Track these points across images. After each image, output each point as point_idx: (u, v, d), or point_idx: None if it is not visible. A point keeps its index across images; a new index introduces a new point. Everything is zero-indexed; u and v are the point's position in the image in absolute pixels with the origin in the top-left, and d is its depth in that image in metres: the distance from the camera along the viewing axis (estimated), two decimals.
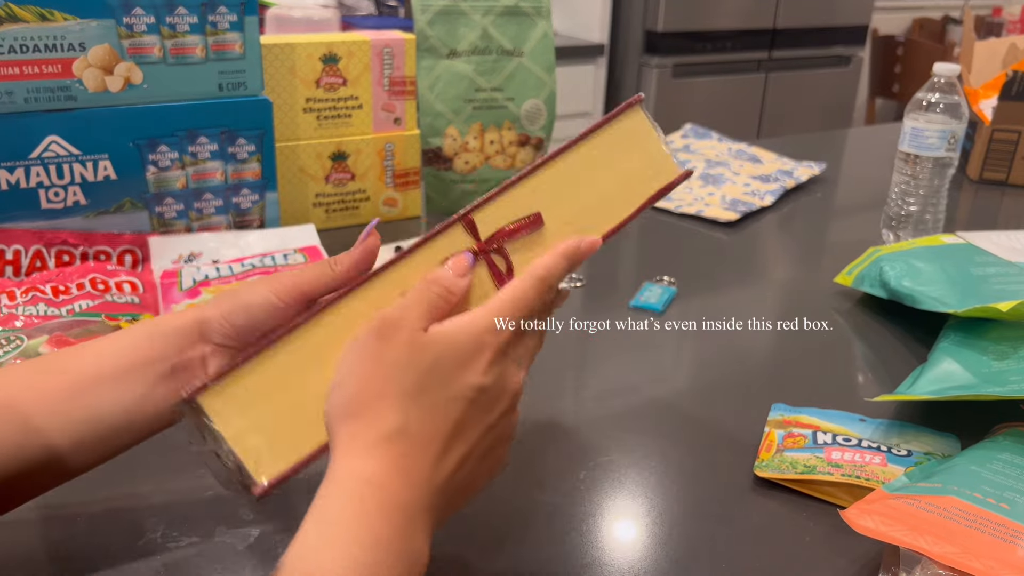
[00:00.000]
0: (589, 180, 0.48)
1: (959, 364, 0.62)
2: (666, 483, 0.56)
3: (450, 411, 0.39)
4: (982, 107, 1.29)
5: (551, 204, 0.47)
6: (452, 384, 0.39)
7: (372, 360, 0.39)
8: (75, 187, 0.78)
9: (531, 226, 0.46)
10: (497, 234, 0.45)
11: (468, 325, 0.40)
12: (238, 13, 0.81)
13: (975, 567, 0.42)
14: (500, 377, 0.41)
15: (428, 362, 0.39)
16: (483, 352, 0.40)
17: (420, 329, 0.40)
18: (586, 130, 0.48)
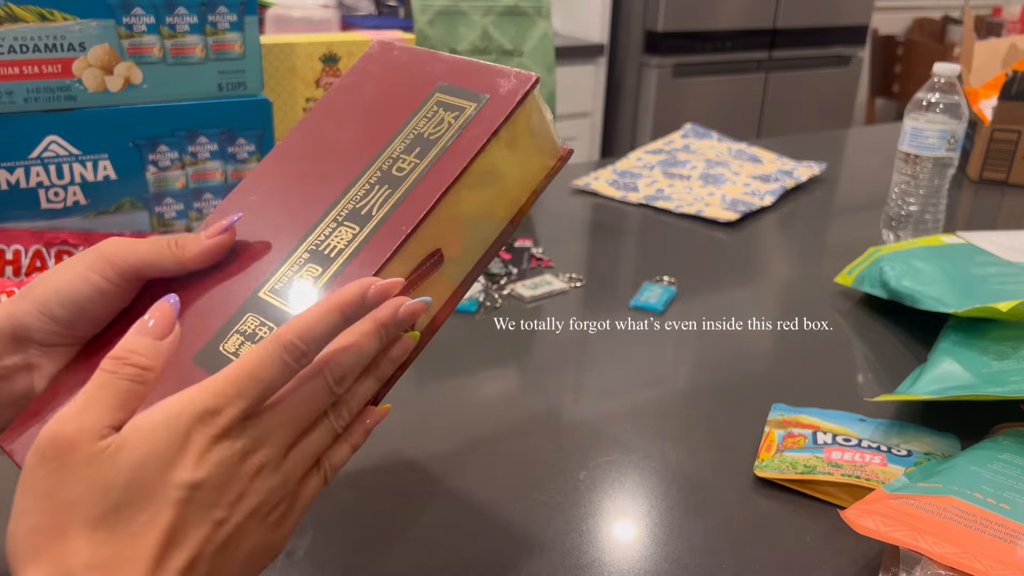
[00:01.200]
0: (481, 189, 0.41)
1: (959, 364, 0.62)
2: (666, 483, 0.56)
3: (157, 522, 0.31)
4: (982, 107, 1.29)
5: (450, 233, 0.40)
6: (155, 491, 0.31)
7: (45, 494, 0.31)
8: (75, 187, 0.78)
9: (433, 268, 0.40)
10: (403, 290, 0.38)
11: (167, 416, 0.32)
12: (238, 13, 0.81)
13: (975, 567, 0.42)
14: (223, 464, 0.33)
15: (120, 477, 0.31)
16: (192, 442, 0.32)
17: (103, 437, 0.31)
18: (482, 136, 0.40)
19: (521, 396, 0.67)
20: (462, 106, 0.42)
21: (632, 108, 2.75)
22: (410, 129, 0.42)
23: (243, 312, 0.38)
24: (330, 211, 0.40)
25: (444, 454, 0.58)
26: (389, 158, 0.41)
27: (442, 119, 0.42)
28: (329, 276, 0.38)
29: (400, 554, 0.49)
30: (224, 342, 0.37)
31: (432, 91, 0.43)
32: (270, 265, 0.39)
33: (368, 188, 0.40)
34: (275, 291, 0.38)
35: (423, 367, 0.70)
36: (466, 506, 0.53)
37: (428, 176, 0.39)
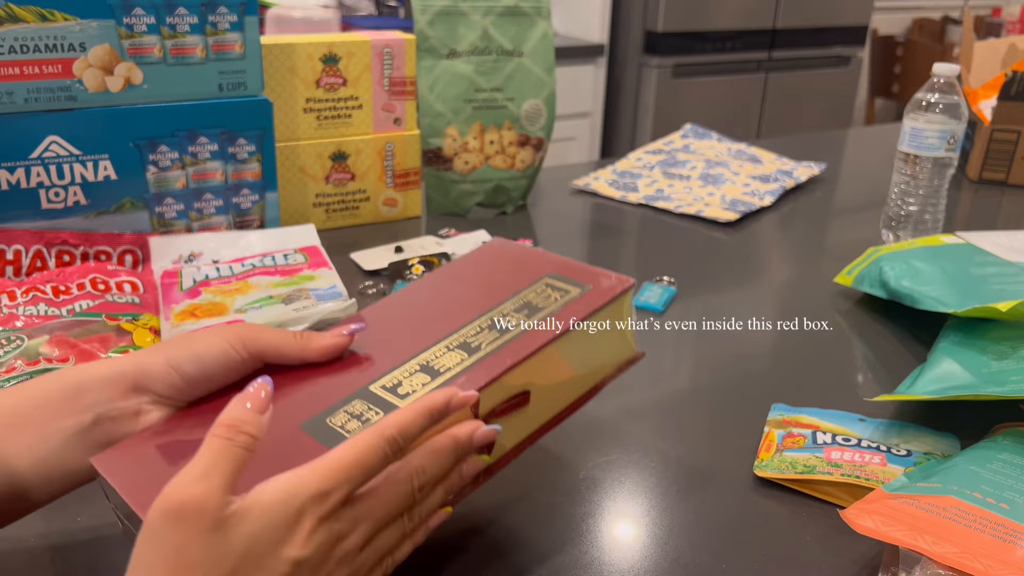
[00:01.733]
0: (570, 358, 0.48)
1: (958, 364, 0.62)
2: (666, 483, 0.56)
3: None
4: (981, 107, 1.29)
5: (536, 381, 0.46)
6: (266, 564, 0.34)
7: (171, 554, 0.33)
8: (75, 187, 0.78)
9: (519, 405, 0.46)
10: (490, 414, 0.45)
11: (285, 493, 0.35)
12: (238, 13, 0.81)
13: (975, 567, 0.42)
14: (323, 545, 0.36)
15: (238, 547, 0.33)
16: (303, 521, 0.35)
17: (225, 505, 0.34)
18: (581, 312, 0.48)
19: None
20: (568, 289, 0.51)
21: (632, 108, 2.76)
22: (520, 297, 0.51)
23: (353, 398, 0.44)
24: (443, 340, 0.48)
25: None
26: (500, 313, 0.50)
27: (549, 295, 0.50)
28: (435, 386, 0.44)
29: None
30: (332, 417, 0.43)
31: (542, 276, 0.53)
32: (383, 368, 0.46)
33: (479, 330, 0.48)
34: (386, 388, 0.45)
35: None
36: (466, 506, 0.53)
37: (531, 332, 0.47)
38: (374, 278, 0.86)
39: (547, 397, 0.48)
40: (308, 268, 0.78)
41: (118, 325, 0.68)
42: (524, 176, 1.09)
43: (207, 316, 0.68)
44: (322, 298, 0.71)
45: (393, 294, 0.54)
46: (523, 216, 1.08)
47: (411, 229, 1.02)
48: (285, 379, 0.46)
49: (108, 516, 0.51)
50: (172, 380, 0.43)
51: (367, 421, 0.42)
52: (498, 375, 0.44)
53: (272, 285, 0.74)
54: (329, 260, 0.80)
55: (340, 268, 0.84)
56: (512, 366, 0.44)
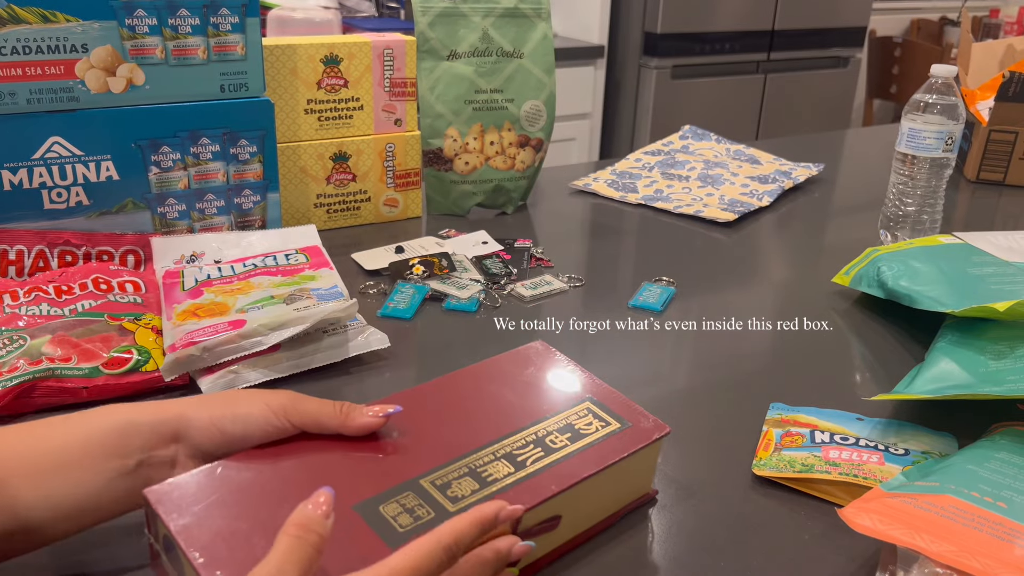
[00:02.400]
0: (600, 490, 0.50)
1: (956, 364, 0.62)
2: (664, 481, 0.56)
3: None
4: (979, 108, 1.29)
5: (568, 508, 0.48)
6: None
7: None
8: (77, 188, 0.79)
9: (550, 527, 0.48)
10: (525, 531, 0.46)
11: None
12: (240, 15, 0.82)
13: (972, 565, 0.42)
14: None
15: None
16: None
17: None
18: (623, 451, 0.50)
19: None
20: (609, 421, 0.52)
21: (631, 109, 2.76)
22: (563, 417, 0.52)
23: (404, 488, 0.45)
24: (489, 446, 0.49)
25: None
26: (545, 430, 0.51)
27: (591, 422, 0.52)
28: (484, 495, 0.45)
29: None
30: (384, 505, 0.44)
31: (584, 398, 0.54)
32: (431, 462, 0.47)
33: (525, 443, 0.49)
34: (435, 484, 0.46)
35: (425, 366, 0.71)
36: None
37: (576, 459, 0.49)
38: (375, 278, 0.87)
39: (573, 521, 0.49)
40: (309, 268, 0.78)
41: (120, 325, 0.68)
42: (524, 177, 1.09)
43: (209, 316, 0.69)
44: (323, 298, 0.71)
45: (433, 381, 0.55)
46: (523, 216, 1.08)
47: (412, 229, 1.02)
48: (333, 451, 0.47)
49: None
50: (213, 436, 0.45)
51: (419, 519, 0.43)
52: (544, 499, 0.46)
53: (273, 285, 0.74)
54: (330, 260, 0.80)
55: (341, 268, 0.84)
56: (557, 493, 0.46)
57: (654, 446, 0.52)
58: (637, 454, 0.50)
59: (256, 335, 0.65)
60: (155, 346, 0.67)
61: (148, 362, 0.65)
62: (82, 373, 0.62)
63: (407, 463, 0.47)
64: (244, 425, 0.45)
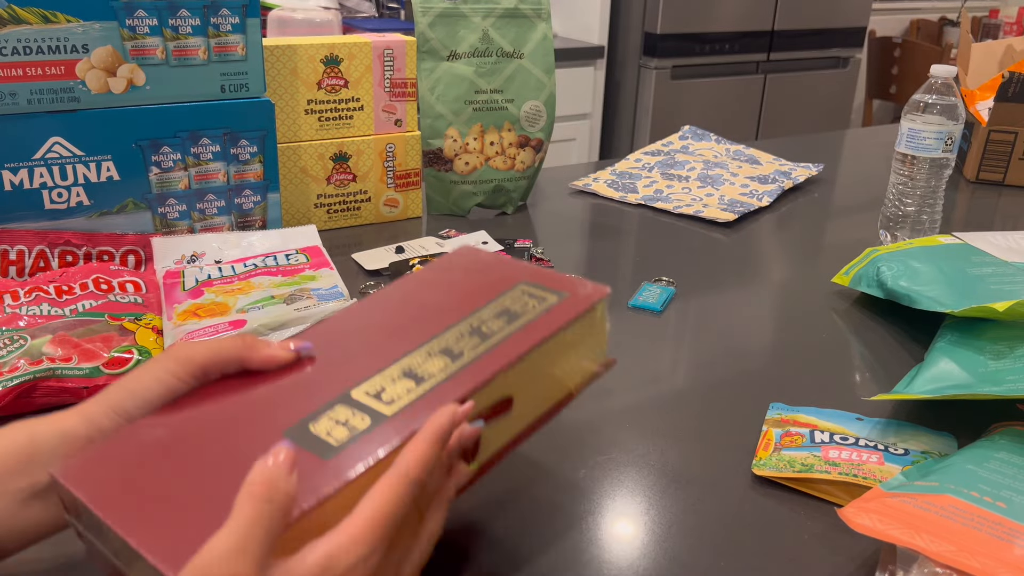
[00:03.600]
0: (549, 364, 0.48)
1: (956, 364, 0.62)
2: (665, 482, 0.57)
3: None
4: (979, 108, 1.29)
5: (518, 387, 0.46)
6: None
7: None
8: (78, 188, 0.79)
9: (502, 411, 0.46)
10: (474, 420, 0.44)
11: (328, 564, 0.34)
12: (240, 15, 0.82)
13: (972, 565, 0.42)
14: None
15: None
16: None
17: None
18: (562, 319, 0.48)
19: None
20: (545, 296, 0.50)
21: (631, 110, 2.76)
22: (498, 303, 0.50)
23: (336, 403, 0.42)
24: (424, 345, 0.46)
25: None
26: (479, 319, 0.49)
27: (527, 302, 0.50)
28: (421, 392, 0.43)
29: None
30: (315, 424, 0.41)
31: (518, 282, 0.52)
32: (364, 373, 0.44)
33: (460, 336, 0.47)
34: (369, 394, 0.43)
35: None
36: (465, 505, 0.53)
37: (513, 337, 0.47)
38: (375, 278, 0.87)
39: (528, 403, 0.47)
40: (310, 268, 0.78)
41: (121, 325, 0.68)
42: (524, 177, 1.09)
43: (209, 316, 0.69)
44: (324, 298, 0.72)
45: (365, 298, 0.52)
46: (523, 216, 1.08)
47: (412, 229, 1.02)
48: (258, 383, 0.44)
49: None
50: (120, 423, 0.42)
51: (355, 429, 0.40)
52: (484, 381, 0.43)
53: (274, 285, 0.74)
54: (330, 260, 0.80)
55: (341, 268, 0.84)
56: (497, 372, 0.44)
57: (598, 312, 0.50)
58: (580, 320, 0.48)
59: (256, 335, 0.65)
60: (156, 346, 0.67)
61: None
62: (83, 373, 0.62)
63: (335, 379, 0.44)
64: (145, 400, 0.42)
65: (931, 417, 0.63)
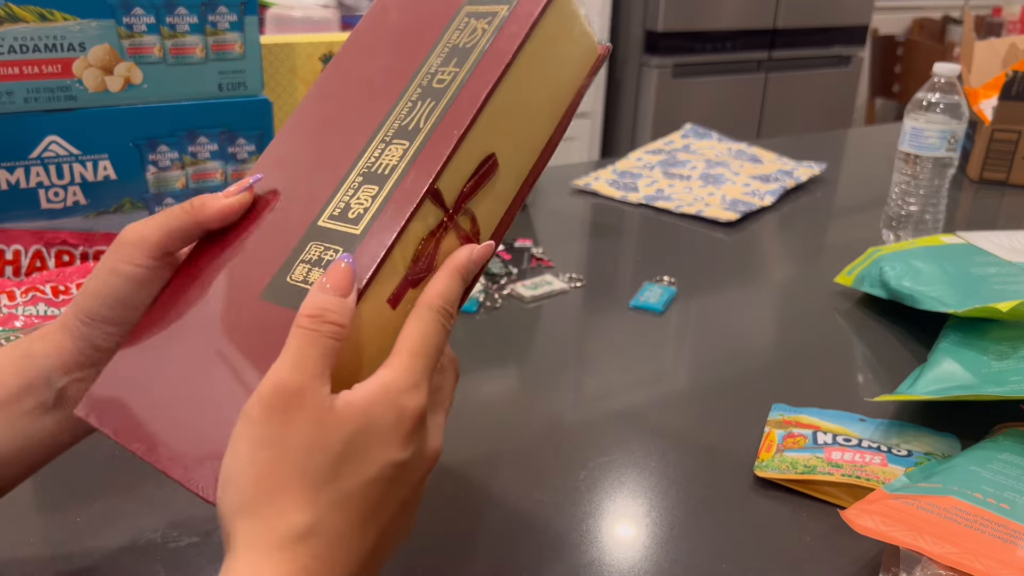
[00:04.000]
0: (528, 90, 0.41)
1: (959, 364, 0.62)
2: (666, 483, 0.56)
3: (368, 495, 0.33)
4: (982, 107, 1.29)
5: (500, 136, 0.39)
6: (368, 465, 0.33)
7: (271, 445, 0.31)
8: (75, 187, 0.78)
9: (489, 173, 0.39)
10: (460, 197, 0.38)
11: (383, 394, 0.33)
12: (238, 13, 0.81)
13: (975, 567, 0.42)
14: (420, 446, 0.35)
15: (340, 444, 0.32)
16: (402, 422, 0.33)
17: (325, 397, 0.32)
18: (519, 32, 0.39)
19: (521, 396, 0.67)
20: (493, 11, 0.41)
21: (632, 108, 2.76)
22: (444, 43, 0.41)
23: (305, 242, 0.38)
24: (376, 133, 0.40)
25: (444, 453, 0.58)
26: (427, 74, 0.41)
27: (475, 28, 0.41)
28: (387, 192, 0.37)
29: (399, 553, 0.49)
30: (290, 273, 0.37)
31: (461, 5, 0.43)
32: (324, 194, 0.39)
33: (411, 105, 0.40)
34: (335, 217, 0.38)
35: None
36: (466, 506, 0.53)
37: (470, 81, 0.39)
38: None
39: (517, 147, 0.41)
40: None
41: None
42: None
43: None
44: None
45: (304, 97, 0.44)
46: (523, 216, 1.08)
47: None
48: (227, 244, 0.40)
49: (108, 516, 0.51)
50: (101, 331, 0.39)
51: (328, 263, 0.36)
52: (450, 153, 0.37)
53: None
54: None
55: None
56: (461, 136, 0.37)
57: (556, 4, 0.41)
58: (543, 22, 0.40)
59: None
60: None
61: None
62: None
63: (301, 212, 0.39)
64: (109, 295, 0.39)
65: (934, 418, 0.62)
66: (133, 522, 0.51)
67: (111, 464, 0.56)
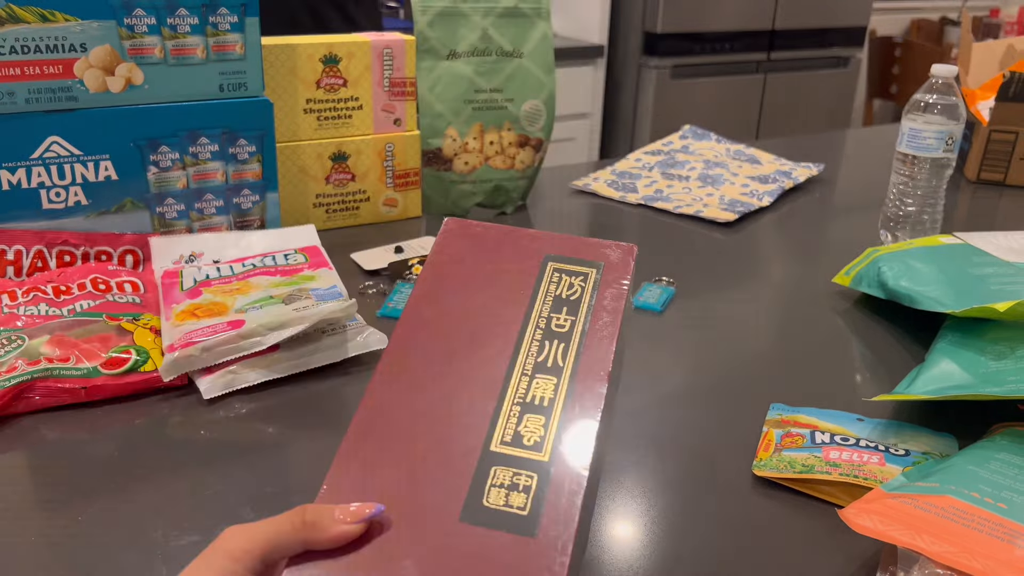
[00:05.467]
0: None
1: (957, 364, 0.62)
2: (665, 482, 0.56)
3: None
4: (980, 108, 1.29)
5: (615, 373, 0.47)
6: None
7: None
8: (76, 187, 0.79)
9: None
10: None
11: None
12: (239, 14, 0.82)
13: (973, 566, 0.42)
14: None
15: None
16: None
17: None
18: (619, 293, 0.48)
19: None
20: (582, 271, 0.48)
21: (631, 109, 2.76)
22: (545, 294, 0.47)
23: (486, 466, 0.39)
24: (512, 368, 0.44)
25: None
26: (542, 319, 0.46)
27: (571, 284, 0.48)
28: (556, 422, 0.41)
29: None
30: (484, 499, 0.38)
31: (543, 260, 0.49)
32: (479, 422, 0.41)
33: (539, 346, 0.45)
34: (506, 443, 0.40)
35: None
36: None
37: (592, 329, 0.45)
38: (374, 278, 0.87)
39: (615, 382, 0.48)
40: (308, 268, 0.78)
41: (119, 325, 0.68)
42: (524, 177, 1.09)
43: (207, 316, 0.68)
44: (322, 298, 0.71)
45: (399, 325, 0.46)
46: (523, 216, 1.08)
47: (411, 229, 1.02)
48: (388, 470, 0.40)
49: (109, 515, 0.51)
50: None
51: (528, 489, 0.38)
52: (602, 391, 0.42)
53: (272, 285, 0.74)
54: (329, 260, 0.80)
55: (340, 268, 0.84)
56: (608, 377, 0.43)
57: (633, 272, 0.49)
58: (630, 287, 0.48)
59: (255, 335, 0.65)
60: (154, 346, 0.67)
61: (147, 362, 0.65)
62: (80, 373, 0.62)
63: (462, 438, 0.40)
64: None
65: (932, 418, 0.63)
66: (134, 521, 0.51)
67: (111, 464, 0.56)
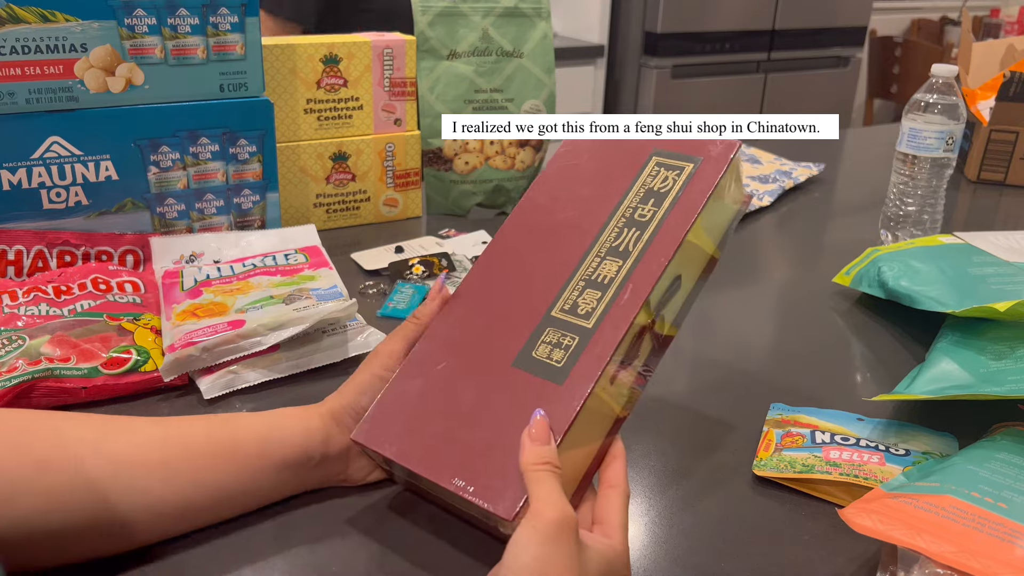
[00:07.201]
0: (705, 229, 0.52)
1: (957, 364, 0.62)
2: (665, 482, 0.56)
3: None
4: (980, 108, 1.29)
5: (685, 262, 0.51)
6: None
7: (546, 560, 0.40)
8: (77, 187, 0.79)
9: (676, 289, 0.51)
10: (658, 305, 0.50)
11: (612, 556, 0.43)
12: (239, 14, 0.82)
13: (973, 566, 0.42)
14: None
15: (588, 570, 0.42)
16: None
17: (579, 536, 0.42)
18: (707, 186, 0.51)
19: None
20: (681, 166, 0.53)
21: (631, 109, 2.76)
22: (640, 184, 0.53)
23: (543, 327, 0.49)
24: (591, 249, 0.51)
25: None
26: (629, 207, 0.52)
27: (666, 177, 0.53)
28: (609, 297, 0.49)
29: (399, 553, 0.49)
30: (534, 351, 0.48)
31: (649, 155, 0.54)
32: (551, 292, 0.50)
33: (619, 231, 0.51)
34: (565, 311, 0.49)
35: None
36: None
37: (668, 220, 0.51)
38: (375, 278, 0.87)
39: (693, 269, 0.52)
40: (309, 268, 0.78)
41: (119, 325, 0.68)
42: (524, 176, 1.09)
43: (208, 316, 0.69)
44: (323, 298, 0.71)
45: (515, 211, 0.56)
46: None
47: (411, 229, 1.02)
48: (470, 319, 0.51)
49: None
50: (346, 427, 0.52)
51: (568, 348, 0.47)
52: (658, 277, 0.48)
53: (273, 285, 0.74)
54: (330, 260, 0.80)
55: (341, 268, 0.84)
56: (667, 264, 0.48)
57: (732, 166, 0.53)
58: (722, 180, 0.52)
59: (255, 335, 0.65)
60: (154, 346, 0.67)
61: (147, 362, 0.65)
62: (81, 373, 0.62)
63: (534, 302, 0.50)
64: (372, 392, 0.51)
65: (932, 418, 0.63)
66: None
67: None
